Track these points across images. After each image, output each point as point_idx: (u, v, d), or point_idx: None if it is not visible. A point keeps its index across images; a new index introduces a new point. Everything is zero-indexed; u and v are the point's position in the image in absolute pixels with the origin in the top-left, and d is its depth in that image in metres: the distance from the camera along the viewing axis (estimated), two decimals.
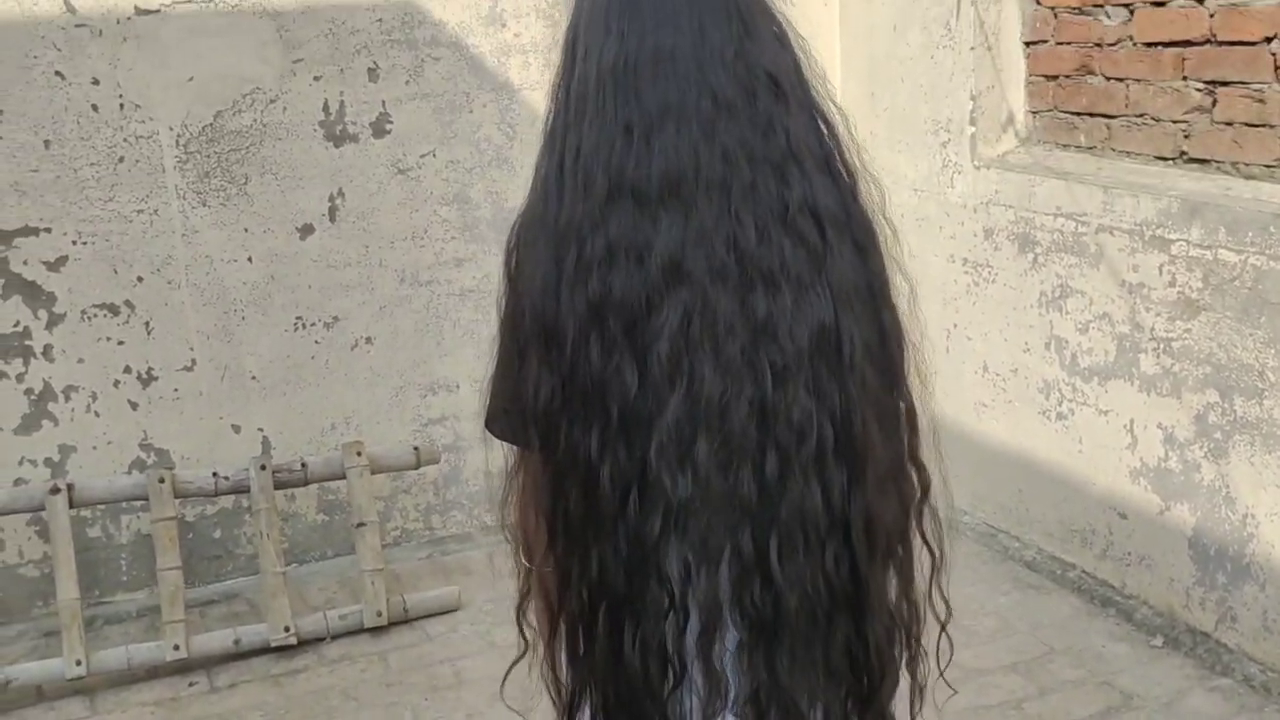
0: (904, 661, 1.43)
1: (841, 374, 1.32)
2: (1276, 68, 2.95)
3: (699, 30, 1.31)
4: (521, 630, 1.48)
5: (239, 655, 3.33)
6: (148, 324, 3.53)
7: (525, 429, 1.35)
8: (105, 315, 3.50)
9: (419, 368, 3.86)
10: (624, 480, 1.29)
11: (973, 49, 3.70)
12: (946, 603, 1.44)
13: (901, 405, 1.41)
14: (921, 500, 1.43)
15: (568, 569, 1.35)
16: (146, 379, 3.56)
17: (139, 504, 3.50)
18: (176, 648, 3.23)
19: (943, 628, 1.44)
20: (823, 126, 1.38)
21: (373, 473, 3.56)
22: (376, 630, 3.44)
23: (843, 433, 1.32)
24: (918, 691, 1.45)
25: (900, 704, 1.44)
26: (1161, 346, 3.14)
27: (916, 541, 1.44)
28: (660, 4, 1.31)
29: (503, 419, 1.40)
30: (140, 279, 3.50)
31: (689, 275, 1.27)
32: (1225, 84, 3.10)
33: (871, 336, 1.36)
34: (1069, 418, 3.50)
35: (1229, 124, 3.11)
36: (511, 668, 1.49)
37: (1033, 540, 3.72)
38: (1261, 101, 3.00)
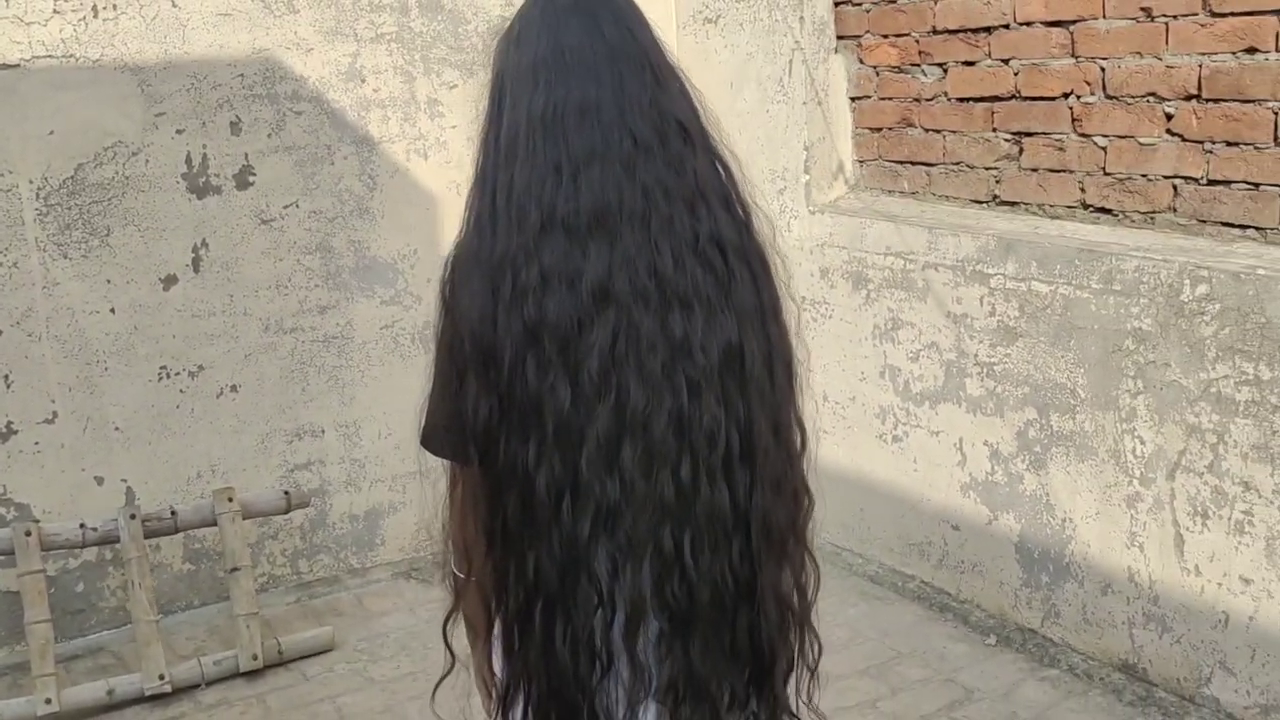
0: (797, 647, 1.62)
1: (745, 387, 1.49)
2: (1074, 120, 3.33)
3: (619, 82, 1.48)
4: (448, 645, 1.60)
5: (113, 706, 3.30)
6: (7, 377, 3.49)
7: (464, 445, 1.47)
8: None
9: (284, 414, 3.90)
10: (558, 487, 1.42)
11: (804, 104, 4.00)
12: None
13: (790, 414, 1.60)
14: (807, 502, 1.63)
15: (504, 572, 1.47)
16: (6, 433, 3.51)
17: (0, 559, 3.45)
18: (49, 701, 3.19)
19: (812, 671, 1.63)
20: (720, 168, 1.58)
21: (244, 518, 3.58)
22: (252, 674, 3.46)
23: (745, 439, 1.49)
24: (812, 674, 1.64)
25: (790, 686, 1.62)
26: (985, 370, 3.47)
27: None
28: (582, 59, 1.48)
29: (441, 436, 1.52)
30: None
31: (616, 299, 1.42)
32: (1030, 134, 3.47)
33: (766, 353, 1.53)
34: (904, 440, 3.80)
35: (1035, 170, 3.48)
36: (442, 680, 1.60)
37: (875, 555, 4.00)
38: (1062, 150, 3.38)
